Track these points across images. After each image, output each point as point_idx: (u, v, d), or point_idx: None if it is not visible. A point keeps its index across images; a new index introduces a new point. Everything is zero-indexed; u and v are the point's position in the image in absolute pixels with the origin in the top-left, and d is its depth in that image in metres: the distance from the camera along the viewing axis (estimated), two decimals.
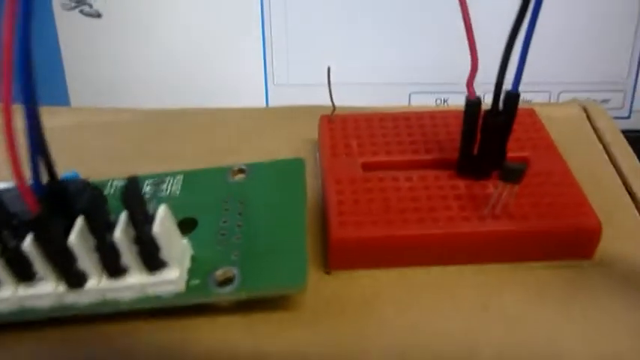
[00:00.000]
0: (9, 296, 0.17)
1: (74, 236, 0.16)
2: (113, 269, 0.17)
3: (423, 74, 0.33)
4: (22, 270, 0.16)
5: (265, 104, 0.36)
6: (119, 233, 0.16)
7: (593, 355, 0.17)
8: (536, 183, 0.21)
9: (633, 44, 0.32)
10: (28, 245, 0.16)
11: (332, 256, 0.19)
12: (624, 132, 0.31)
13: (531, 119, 0.23)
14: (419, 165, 0.22)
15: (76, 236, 0.16)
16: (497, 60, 0.18)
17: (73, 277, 0.17)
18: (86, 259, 0.16)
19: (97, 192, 0.17)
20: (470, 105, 0.19)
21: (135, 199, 0.16)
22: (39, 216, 0.15)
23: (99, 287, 0.17)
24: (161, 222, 0.16)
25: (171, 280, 0.17)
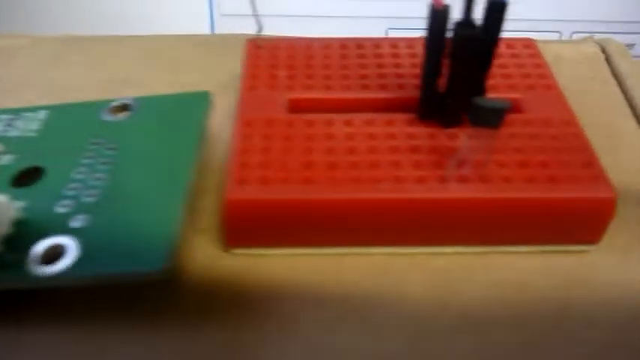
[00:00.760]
0: None
1: None
2: None
3: (402, 7, 0.26)
4: None
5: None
6: None
7: None
8: (527, 134, 0.15)
9: None
10: None
11: (227, 227, 0.14)
12: None
13: (528, 51, 0.17)
14: (368, 106, 0.16)
15: None
16: None
17: None
18: None
19: None
20: (434, 16, 0.13)
21: None
22: None
23: None
24: None
25: None
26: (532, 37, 0.18)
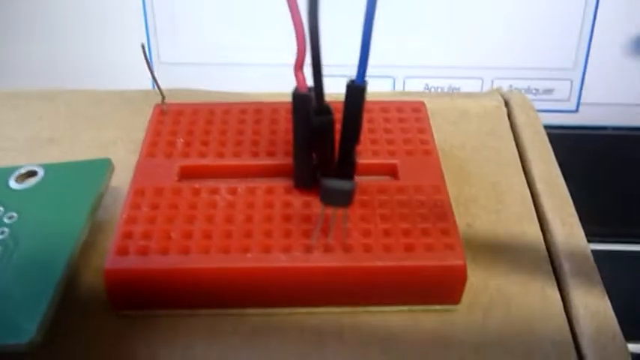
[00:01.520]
0: None
1: None
2: None
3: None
4: None
5: (152, 86, 0.32)
6: None
7: None
8: (397, 201, 0.16)
9: (582, 24, 0.27)
10: None
11: (109, 294, 0.15)
12: (570, 128, 0.26)
13: (416, 115, 0.19)
14: (256, 172, 0.17)
15: None
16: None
17: None
18: None
19: None
20: (298, 99, 0.15)
21: None
22: None
23: None
24: None
25: None
26: (423, 101, 0.19)
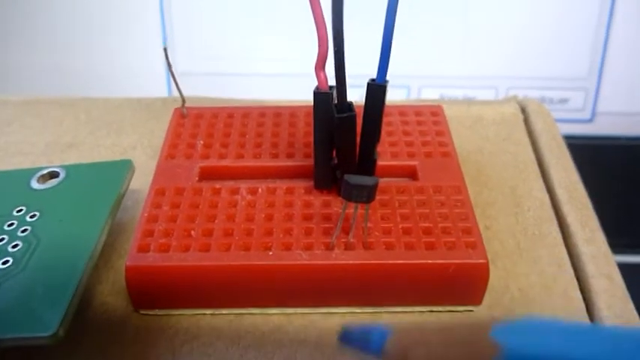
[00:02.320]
0: None
1: None
2: None
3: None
4: None
5: (168, 94, 0.32)
6: None
7: None
8: (417, 201, 0.16)
9: (596, 33, 0.27)
10: None
11: (130, 292, 0.15)
12: (585, 138, 0.26)
13: (434, 119, 0.19)
14: (275, 174, 0.17)
15: None
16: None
17: None
18: None
19: None
20: (319, 98, 0.15)
21: None
22: None
23: None
24: None
25: None
26: (440, 105, 0.19)
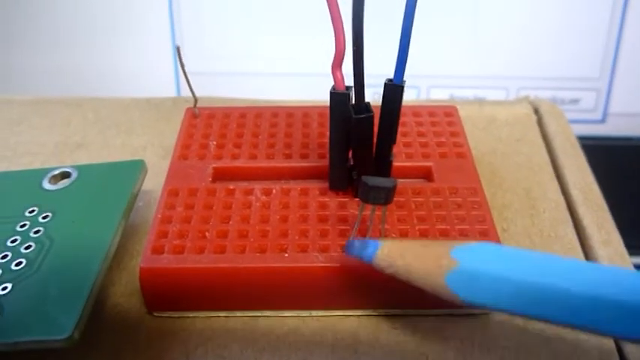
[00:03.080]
0: None
1: None
2: None
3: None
4: None
5: (176, 94, 0.32)
6: None
7: None
8: (433, 203, 0.16)
9: (608, 33, 0.27)
10: None
11: (144, 294, 0.15)
12: (596, 139, 0.26)
13: (448, 119, 0.18)
14: (289, 174, 0.17)
15: None
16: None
17: None
18: None
19: None
20: (336, 98, 0.14)
21: None
22: None
23: None
24: None
25: None
26: (455, 105, 0.19)
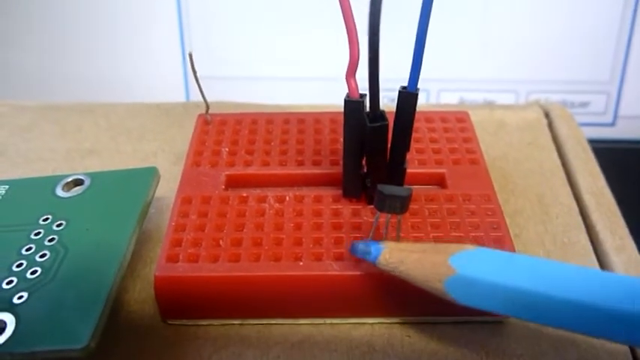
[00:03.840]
0: None
1: None
2: None
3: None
4: None
5: (186, 99, 0.32)
6: None
7: None
8: (447, 210, 0.16)
9: (618, 36, 0.27)
10: None
11: (159, 302, 0.15)
12: (607, 142, 0.26)
13: (460, 125, 0.18)
14: (301, 181, 0.17)
15: None
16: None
17: None
18: None
19: None
20: (350, 106, 0.14)
21: None
22: None
23: None
24: None
25: None
26: (467, 111, 0.19)
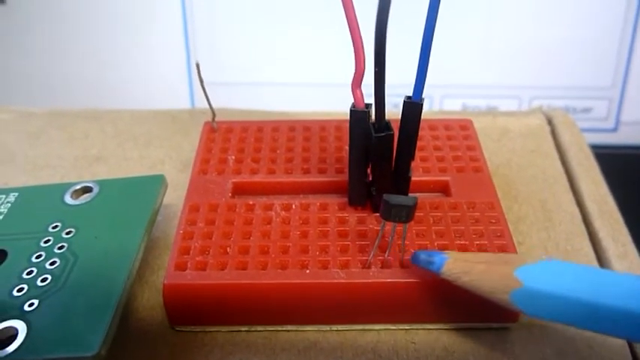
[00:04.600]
0: None
1: None
2: None
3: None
4: None
5: (191, 105, 0.32)
6: None
7: None
8: (451, 218, 0.16)
9: (620, 41, 0.27)
10: None
11: (167, 309, 0.15)
12: (609, 147, 0.26)
13: (464, 133, 0.19)
14: (307, 189, 0.17)
15: None
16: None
17: None
18: None
19: None
20: (355, 116, 0.15)
21: None
22: None
23: None
24: None
25: None
26: (470, 119, 0.19)
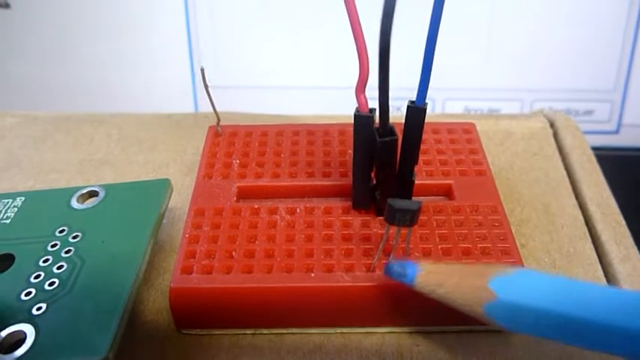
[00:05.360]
0: None
1: None
2: None
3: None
4: None
5: (194, 109, 0.32)
6: None
7: None
8: (454, 221, 0.16)
9: (622, 44, 0.27)
10: None
11: (174, 313, 0.15)
12: (611, 150, 0.26)
13: (467, 136, 0.19)
14: (312, 193, 0.17)
15: None
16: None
17: None
18: None
19: None
20: (360, 120, 0.15)
21: None
22: None
23: None
24: None
25: None
26: (473, 122, 0.19)
